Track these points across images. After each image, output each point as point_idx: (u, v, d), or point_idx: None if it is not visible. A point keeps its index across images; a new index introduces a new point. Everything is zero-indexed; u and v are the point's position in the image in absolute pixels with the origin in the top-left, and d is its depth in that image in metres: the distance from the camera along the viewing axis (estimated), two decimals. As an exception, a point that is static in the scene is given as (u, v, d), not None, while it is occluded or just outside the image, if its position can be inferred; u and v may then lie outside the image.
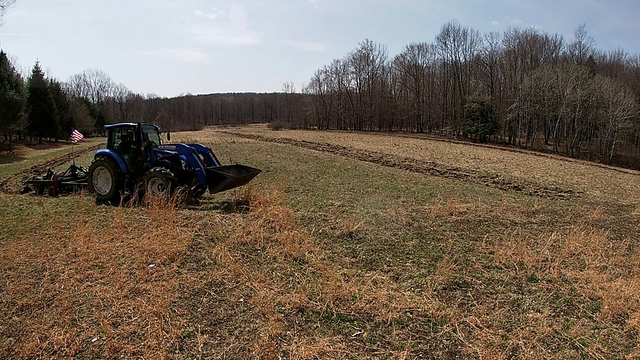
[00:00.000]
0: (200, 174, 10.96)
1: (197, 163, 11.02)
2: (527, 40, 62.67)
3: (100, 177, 11.64)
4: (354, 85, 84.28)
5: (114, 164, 11.40)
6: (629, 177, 27.72)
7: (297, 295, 4.99)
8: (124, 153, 11.64)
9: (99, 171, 11.59)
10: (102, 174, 11.60)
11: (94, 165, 11.58)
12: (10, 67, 34.09)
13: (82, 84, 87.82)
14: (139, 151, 11.54)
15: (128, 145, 11.81)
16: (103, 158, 11.53)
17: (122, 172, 11.42)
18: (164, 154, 11.59)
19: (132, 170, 11.55)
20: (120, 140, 12.05)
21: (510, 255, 6.90)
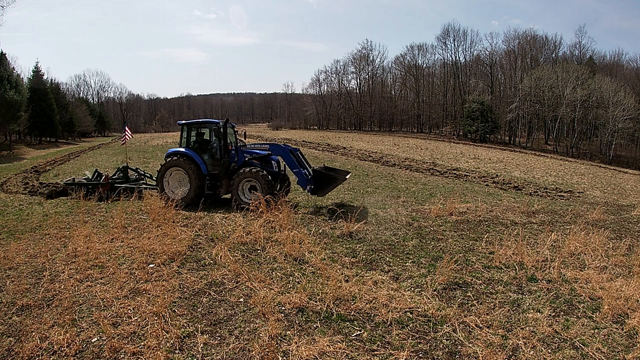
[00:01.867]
0: (300, 175, 10.08)
1: (296, 164, 10.14)
2: (527, 40, 62.67)
3: (173, 179, 10.52)
4: (354, 85, 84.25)
5: (194, 164, 10.23)
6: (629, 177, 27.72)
7: (297, 295, 4.99)
8: (202, 152, 10.61)
9: (172, 172, 10.44)
10: (175, 176, 10.48)
11: (167, 166, 10.39)
12: (10, 67, 34.08)
13: (82, 84, 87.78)
14: (227, 151, 10.49)
15: (209, 144, 10.82)
16: (179, 158, 10.33)
17: (203, 173, 10.29)
18: (253, 154, 10.57)
19: (213, 172, 10.48)
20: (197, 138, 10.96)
21: (510, 255, 6.90)
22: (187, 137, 10.86)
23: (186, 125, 10.98)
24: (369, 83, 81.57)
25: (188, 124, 10.99)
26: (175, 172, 10.43)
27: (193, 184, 10.14)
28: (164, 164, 10.50)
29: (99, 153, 29.73)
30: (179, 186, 10.44)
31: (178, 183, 10.47)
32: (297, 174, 10.07)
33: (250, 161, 10.42)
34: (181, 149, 10.59)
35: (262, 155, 10.50)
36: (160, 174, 10.50)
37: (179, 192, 10.33)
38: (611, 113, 46.25)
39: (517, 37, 63.50)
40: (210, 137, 10.97)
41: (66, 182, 13.34)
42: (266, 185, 9.72)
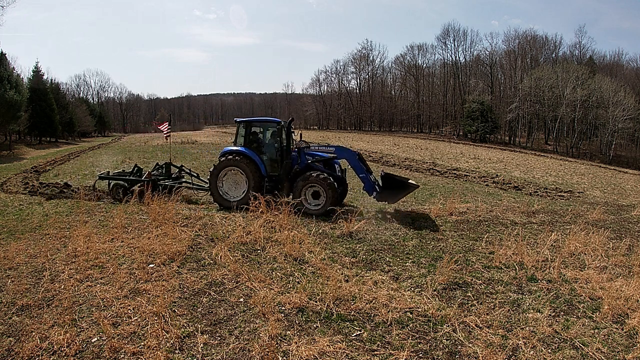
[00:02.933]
0: (367, 181, 9.66)
1: (362, 169, 9.72)
2: (527, 40, 62.69)
3: (228, 180, 9.92)
4: (354, 85, 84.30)
5: (253, 165, 9.69)
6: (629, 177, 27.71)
7: (297, 295, 4.99)
8: (261, 153, 10.08)
9: (227, 172, 9.86)
10: (230, 176, 9.89)
11: (222, 165, 9.81)
12: (10, 67, 34.06)
13: (82, 84, 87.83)
14: (289, 152, 9.97)
15: (268, 144, 10.25)
16: (236, 157, 9.75)
17: (262, 175, 9.79)
18: (316, 157, 10.00)
19: (272, 174, 9.98)
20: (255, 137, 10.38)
21: (510, 255, 6.90)
22: (244, 136, 10.23)
23: (244, 123, 10.37)
24: (369, 83, 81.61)
25: (246, 122, 10.40)
26: (231, 173, 9.83)
27: (251, 185, 9.57)
28: (218, 163, 9.92)
29: (99, 153, 29.73)
30: (234, 187, 9.85)
31: (233, 184, 9.88)
32: (364, 179, 9.65)
33: (313, 164, 9.88)
34: (239, 148, 9.96)
35: (326, 158, 9.98)
36: (214, 174, 9.85)
37: (234, 194, 9.80)
38: (611, 113, 46.26)
39: (517, 37, 63.59)
40: (269, 136, 10.40)
41: (100, 176, 12.48)
42: (331, 192, 9.24)
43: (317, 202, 9.28)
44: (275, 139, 10.25)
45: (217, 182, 9.84)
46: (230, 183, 9.89)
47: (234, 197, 9.70)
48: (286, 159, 9.92)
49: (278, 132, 10.15)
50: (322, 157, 9.94)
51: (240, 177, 9.78)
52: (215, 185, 9.84)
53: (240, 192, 9.74)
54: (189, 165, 19.05)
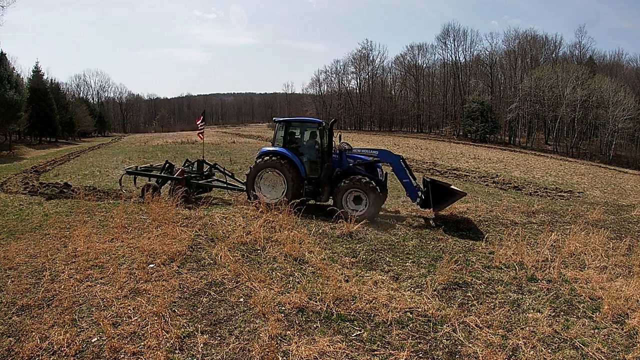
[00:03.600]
0: (410, 186, 9.38)
1: (406, 174, 9.42)
2: (527, 40, 62.67)
3: (265, 181, 9.57)
4: (354, 85, 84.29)
5: (292, 167, 9.32)
6: (629, 177, 27.71)
7: (297, 295, 4.99)
8: (300, 154, 9.68)
9: (265, 173, 9.50)
10: (268, 178, 9.53)
11: (260, 167, 9.46)
12: (10, 67, 34.02)
13: (82, 84, 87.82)
14: (330, 154, 9.58)
15: (308, 145, 9.87)
16: (275, 158, 9.39)
17: (301, 177, 9.42)
18: (358, 160, 9.64)
19: (312, 176, 9.60)
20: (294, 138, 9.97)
21: (510, 255, 6.90)
22: (284, 136, 9.84)
23: (284, 123, 9.98)
24: (369, 83, 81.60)
25: (286, 122, 10.00)
26: (269, 174, 9.48)
27: (290, 188, 9.22)
28: (256, 163, 9.57)
29: (99, 153, 29.72)
30: (271, 189, 9.53)
31: (270, 186, 9.53)
32: (408, 184, 9.37)
33: (355, 167, 9.51)
34: (278, 149, 9.59)
35: (368, 161, 9.61)
36: (251, 174, 9.56)
37: (271, 196, 9.46)
38: (611, 113, 46.24)
39: (517, 37, 63.57)
40: (309, 137, 10.01)
41: (128, 170, 11.94)
42: (374, 198, 8.89)
43: (359, 207, 8.96)
44: (315, 140, 9.88)
45: (254, 184, 9.55)
46: (268, 184, 9.55)
47: (271, 200, 9.35)
48: (327, 161, 9.53)
49: (319, 133, 9.78)
50: (363, 160, 9.59)
51: (278, 179, 9.44)
52: (252, 186, 9.54)
53: (278, 195, 9.43)
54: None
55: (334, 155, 9.70)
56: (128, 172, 12.04)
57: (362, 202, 9.00)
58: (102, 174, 16.71)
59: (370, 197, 8.84)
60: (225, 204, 10.61)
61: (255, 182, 9.60)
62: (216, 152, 27.15)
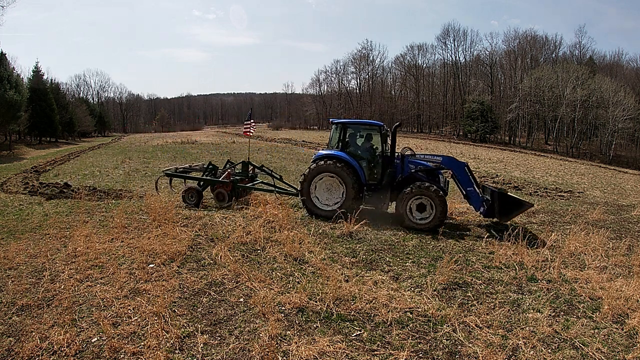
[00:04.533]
0: (474, 195, 8.97)
1: (471, 182, 9.01)
2: (527, 40, 62.64)
3: (321, 186, 9.08)
4: (354, 85, 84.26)
5: (353, 172, 8.84)
6: (629, 177, 27.70)
7: (297, 295, 4.99)
8: (359, 159, 9.20)
9: (322, 178, 9.00)
10: (324, 183, 9.04)
11: (317, 171, 8.95)
12: (10, 67, 33.98)
13: (82, 84, 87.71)
14: (392, 160, 9.11)
15: (367, 150, 9.47)
16: (334, 163, 8.88)
17: (361, 183, 8.96)
18: (419, 166, 9.19)
19: (371, 182, 9.20)
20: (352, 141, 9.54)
21: (510, 255, 6.90)
22: (342, 139, 9.36)
23: (341, 125, 9.47)
24: (369, 83, 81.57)
25: (344, 124, 9.48)
26: (326, 179, 8.98)
27: (349, 194, 8.78)
28: (312, 167, 9.04)
29: (99, 153, 29.71)
30: (328, 196, 9.05)
31: (327, 192, 9.06)
32: (472, 192, 8.97)
33: (416, 174, 9.07)
34: (336, 152, 9.08)
35: (430, 168, 9.20)
36: (307, 179, 9.03)
37: (327, 202, 9.05)
38: (611, 113, 46.24)
39: (517, 37, 63.53)
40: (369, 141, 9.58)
41: (166, 173, 11.24)
42: (441, 206, 8.38)
43: (423, 215, 8.58)
44: (376, 144, 9.42)
45: (309, 188, 9.07)
46: (323, 190, 9.08)
47: (327, 206, 9.00)
48: (389, 167, 9.10)
49: (380, 137, 9.33)
50: (425, 166, 9.17)
51: (335, 184, 8.97)
52: (308, 191, 9.05)
53: (335, 201, 9.02)
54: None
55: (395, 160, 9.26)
56: (167, 174, 11.29)
57: (426, 210, 8.57)
58: (102, 174, 16.71)
59: (438, 205, 8.41)
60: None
61: (311, 188, 9.08)
62: (216, 152, 27.15)
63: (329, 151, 9.25)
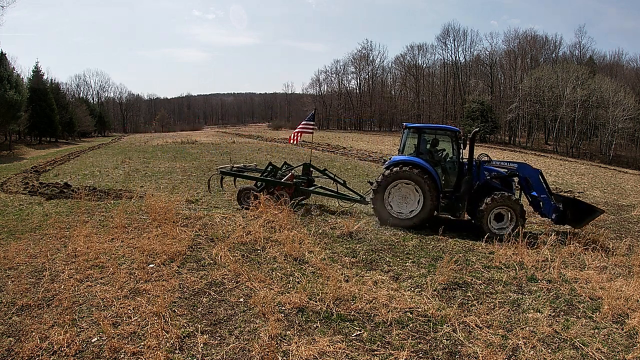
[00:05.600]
0: (547, 202, 8.69)
1: (544, 189, 8.79)
2: (527, 40, 62.65)
3: (396, 194, 8.67)
4: (354, 85, 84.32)
5: (431, 179, 8.47)
6: (629, 177, 27.69)
7: (297, 295, 4.99)
8: (435, 165, 8.86)
9: (396, 185, 8.61)
10: (400, 190, 8.63)
11: (393, 177, 8.54)
12: (10, 67, 33.97)
13: (82, 84, 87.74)
14: (470, 167, 8.77)
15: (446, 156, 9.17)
16: (411, 169, 8.47)
17: (438, 191, 8.63)
18: (493, 173, 8.93)
19: (446, 190, 8.88)
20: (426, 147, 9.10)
21: (510, 255, 6.91)
22: (417, 145, 8.99)
23: (416, 130, 9.11)
24: (369, 83, 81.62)
25: (419, 129, 9.11)
26: (402, 186, 8.59)
27: (427, 202, 8.43)
28: (387, 174, 8.61)
29: (99, 153, 29.71)
30: (402, 204, 8.66)
31: (401, 199, 8.67)
32: (545, 200, 8.73)
33: (491, 181, 8.81)
34: (412, 158, 8.71)
35: (504, 175, 8.97)
36: (381, 186, 8.60)
37: (401, 211, 8.66)
38: (611, 113, 46.23)
39: (517, 37, 63.55)
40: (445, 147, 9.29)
41: (222, 171, 10.70)
42: (521, 216, 8.20)
43: (500, 225, 8.41)
44: (452, 150, 9.11)
45: (384, 196, 8.67)
46: (398, 197, 8.66)
47: (402, 214, 8.64)
48: (467, 174, 8.73)
49: (456, 143, 9.01)
50: (500, 173, 8.95)
51: (410, 191, 8.58)
52: (382, 199, 8.65)
53: (409, 209, 8.64)
54: (189, 166, 19.09)
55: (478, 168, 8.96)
56: (222, 172, 10.73)
57: (504, 219, 8.42)
58: (102, 174, 16.71)
59: (518, 216, 8.25)
60: (224, 205, 10.59)
61: (385, 195, 8.69)
62: (216, 153, 27.15)
63: (405, 157, 8.83)
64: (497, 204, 8.21)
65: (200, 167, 18.86)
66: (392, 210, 8.68)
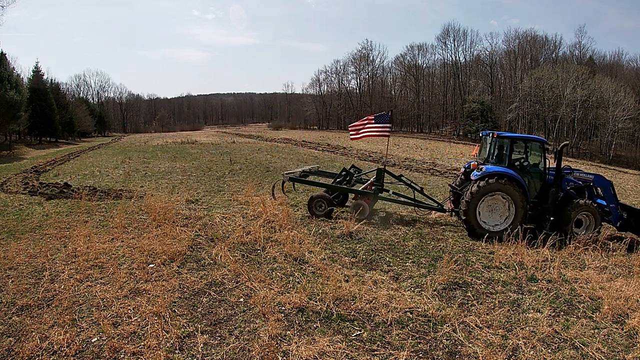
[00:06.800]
0: (615, 211, 8.91)
1: (614, 200, 9.00)
2: (527, 40, 62.69)
3: (486, 205, 8.49)
4: (354, 85, 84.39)
5: (522, 190, 8.43)
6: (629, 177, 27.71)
7: (297, 295, 4.99)
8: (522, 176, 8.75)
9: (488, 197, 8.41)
10: (488, 202, 8.46)
11: (487, 189, 8.32)
12: (10, 67, 33.94)
13: (82, 84, 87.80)
14: (557, 178, 8.75)
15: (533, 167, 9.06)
16: (505, 181, 8.34)
17: (528, 201, 8.55)
18: (571, 183, 9.04)
19: (532, 201, 8.83)
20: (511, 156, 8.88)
21: (510, 255, 6.91)
22: (508, 155, 8.80)
23: (505, 139, 9.01)
24: (369, 83, 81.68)
25: (510, 138, 9.01)
26: (492, 198, 8.45)
27: (519, 213, 8.37)
28: (481, 185, 8.34)
29: (99, 153, 29.71)
30: (490, 215, 8.55)
31: (490, 210, 8.54)
32: (614, 209, 8.99)
33: (569, 191, 8.93)
34: (504, 169, 8.53)
35: (580, 185, 9.10)
36: (475, 197, 8.33)
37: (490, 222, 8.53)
38: (611, 113, 46.27)
39: (517, 37, 63.64)
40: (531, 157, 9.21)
41: (291, 177, 10.05)
42: (599, 224, 8.49)
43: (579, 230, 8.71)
44: (537, 160, 9.13)
45: (477, 207, 8.45)
46: (487, 209, 8.54)
47: (492, 226, 8.49)
48: (554, 185, 8.77)
49: (543, 153, 9.01)
50: (576, 183, 9.14)
51: (500, 202, 8.49)
52: (475, 210, 8.45)
53: (499, 220, 8.55)
54: (189, 166, 19.09)
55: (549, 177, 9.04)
56: (291, 179, 10.14)
57: (582, 226, 8.67)
58: (102, 174, 16.71)
59: (598, 222, 8.59)
60: (224, 205, 10.59)
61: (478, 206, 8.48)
62: (216, 153, 27.15)
63: (499, 168, 8.65)
64: (579, 210, 8.50)
65: (200, 167, 18.86)
66: (481, 220, 8.53)
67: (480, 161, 9.25)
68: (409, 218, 9.78)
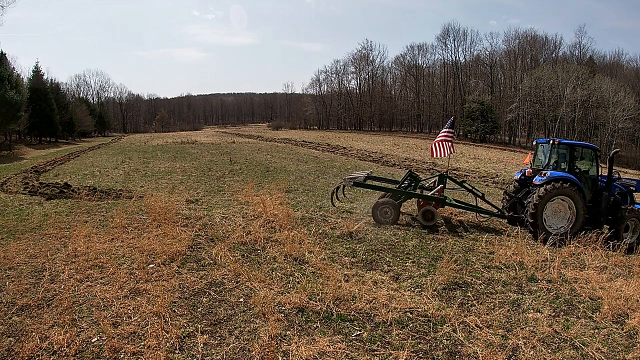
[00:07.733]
0: None
1: None
2: (527, 40, 62.68)
3: (550, 209, 8.75)
4: (354, 85, 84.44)
5: (582, 195, 8.79)
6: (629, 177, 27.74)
7: (297, 295, 4.99)
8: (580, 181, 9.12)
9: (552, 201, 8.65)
10: (554, 205, 8.71)
11: (553, 193, 8.58)
12: (10, 67, 33.94)
13: (82, 84, 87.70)
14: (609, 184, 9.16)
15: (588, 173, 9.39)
16: (569, 186, 8.63)
17: (586, 205, 8.89)
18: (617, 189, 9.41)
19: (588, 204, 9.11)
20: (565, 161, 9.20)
21: (510, 255, 6.91)
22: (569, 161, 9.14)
23: (567, 147, 9.27)
24: (369, 83, 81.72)
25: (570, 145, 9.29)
26: (555, 202, 8.72)
27: (579, 217, 8.74)
28: (550, 189, 8.57)
29: (99, 153, 29.72)
30: (552, 218, 8.81)
31: (553, 213, 8.82)
32: None
33: (616, 196, 9.32)
34: (566, 175, 8.87)
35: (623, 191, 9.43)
36: (540, 204, 8.59)
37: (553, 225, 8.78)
38: (611, 113, 46.26)
39: (517, 37, 63.61)
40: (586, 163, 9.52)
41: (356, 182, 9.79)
42: None
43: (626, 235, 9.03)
44: (590, 166, 9.49)
45: (542, 212, 8.73)
46: (550, 213, 8.84)
47: (554, 229, 8.72)
48: (606, 190, 9.15)
49: (595, 159, 9.43)
50: (621, 189, 9.45)
51: (562, 206, 8.78)
52: (541, 215, 8.74)
53: (562, 224, 8.84)
54: (189, 166, 19.09)
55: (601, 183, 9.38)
56: (356, 183, 9.77)
57: (628, 230, 9.06)
58: (102, 174, 16.71)
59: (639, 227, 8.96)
60: (224, 205, 10.60)
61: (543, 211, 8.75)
62: (216, 152, 27.15)
63: (562, 173, 8.96)
64: (631, 216, 8.89)
65: (200, 167, 18.86)
66: (546, 224, 8.76)
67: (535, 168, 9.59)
68: (409, 218, 9.78)
